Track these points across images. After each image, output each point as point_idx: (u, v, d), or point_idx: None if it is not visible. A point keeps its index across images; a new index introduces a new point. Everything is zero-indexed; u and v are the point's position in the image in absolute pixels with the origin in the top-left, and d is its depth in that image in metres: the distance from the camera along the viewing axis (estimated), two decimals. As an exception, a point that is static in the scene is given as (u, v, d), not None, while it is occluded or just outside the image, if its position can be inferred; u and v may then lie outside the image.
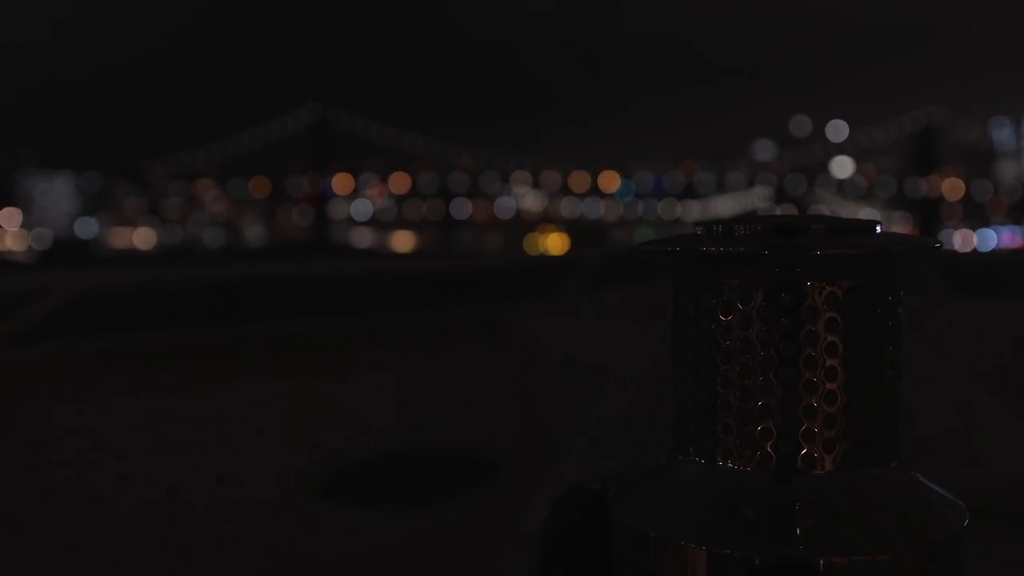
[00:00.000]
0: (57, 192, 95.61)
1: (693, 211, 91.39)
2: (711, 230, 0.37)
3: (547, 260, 4.28)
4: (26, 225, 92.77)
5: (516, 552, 0.45)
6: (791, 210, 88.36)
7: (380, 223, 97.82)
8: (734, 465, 0.35)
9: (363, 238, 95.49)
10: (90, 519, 1.11)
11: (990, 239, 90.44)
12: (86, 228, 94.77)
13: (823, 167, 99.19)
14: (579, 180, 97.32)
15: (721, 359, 0.35)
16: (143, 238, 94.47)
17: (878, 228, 0.36)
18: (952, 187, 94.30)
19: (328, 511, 1.14)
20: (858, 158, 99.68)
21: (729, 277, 0.35)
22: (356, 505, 1.17)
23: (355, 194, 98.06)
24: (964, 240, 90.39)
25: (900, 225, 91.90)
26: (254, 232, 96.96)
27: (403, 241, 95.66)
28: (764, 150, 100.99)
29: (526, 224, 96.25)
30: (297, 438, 1.39)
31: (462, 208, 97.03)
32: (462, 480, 1.21)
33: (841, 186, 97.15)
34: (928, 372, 1.09)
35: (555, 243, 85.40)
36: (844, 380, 0.34)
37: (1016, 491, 0.59)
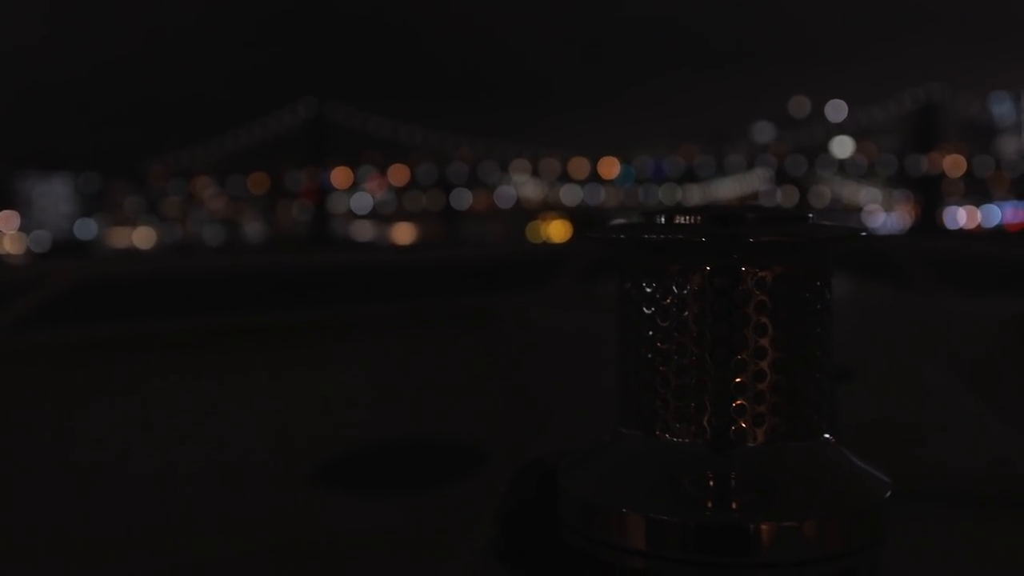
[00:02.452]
0: (55, 194, 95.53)
1: (694, 195, 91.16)
2: (654, 219, 0.39)
3: (541, 249, 4.20)
4: (24, 228, 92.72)
5: (484, 530, 0.43)
6: (792, 191, 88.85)
7: (380, 216, 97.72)
8: (672, 438, 0.37)
9: (364, 231, 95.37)
10: (83, 504, 1.13)
11: (994, 215, 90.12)
12: (85, 229, 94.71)
13: (823, 147, 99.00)
14: (579, 167, 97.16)
15: (660, 339, 0.38)
16: (143, 237, 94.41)
17: (810, 217, 0.39)
18: (953, 164, 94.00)
19: (319, 497, 1.16)
20: (858, 137, 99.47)
21: (669, 263, 0.37)
22: (347, 491, 1.19)
23: (354, 187, 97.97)
24: (969, 216, 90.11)
25: (902, 203, 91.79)
26: (254, 228, 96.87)
27: (404, 233, 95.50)
28: (763, 132, 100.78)
29: (527, 212, 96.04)
30: (289, 426, 1.41)
31: (462, 198, 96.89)
32: (453, 467, 1.22)
33: (842, 166, 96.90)
34: (900, 362, 1.12)
35: (557, 230, 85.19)
36: (773, 359, 0.37)
37: (954, 477, 0.62)
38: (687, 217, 0.38)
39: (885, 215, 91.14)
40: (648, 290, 0.38)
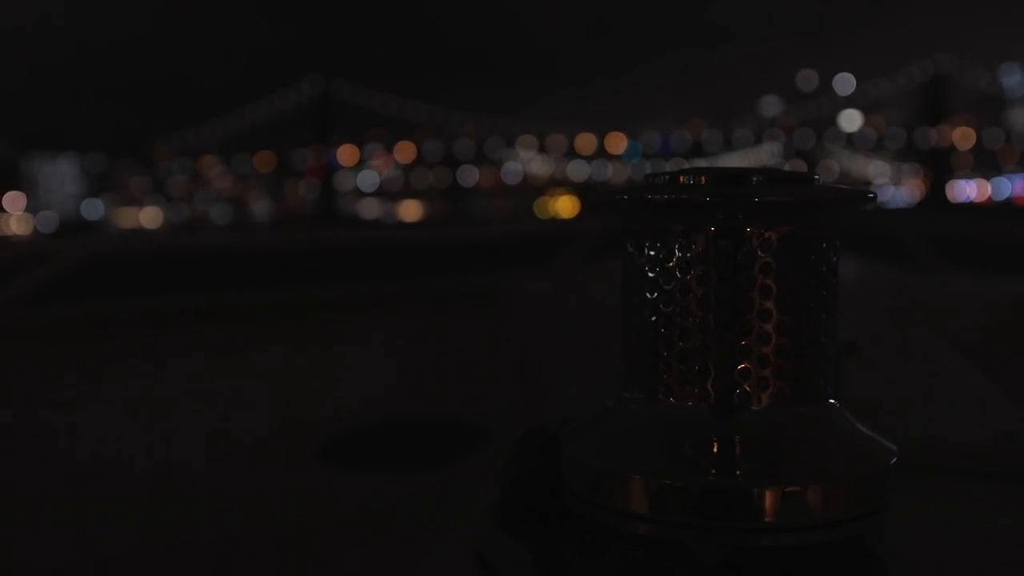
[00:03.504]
0: (61, 174, 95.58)
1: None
2: (658, 179, 0.38)
3: (547, 228, 4.22)
4: (31, 208, 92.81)
5: (486, 500, 0.43)
6: (800, 165, 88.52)
7: (387, 193, 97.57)
8: (675, 402, 0.37)
9: (370, 209, 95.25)
10: (86, 482, 1.13)
11: (1004, 188, 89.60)
12: (92, 209, 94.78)
13: (831, 121, 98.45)
14: (585, 143, 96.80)
15: (663, 302, 0.37)
16: (149, 217, 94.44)
17: (816, 179, 0.38)
18: (963, 136, 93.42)
19: (324, 476, 1.16)
20: (866, 110, 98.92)
21: (673, 223, 0.37)
22: (351, 470, 1.19)
23: (361, 165, 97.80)
24: (979, 190, 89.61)
25: (911, 176, 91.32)
26: (261, 207, 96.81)
27: (411, 210, 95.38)
28: (771, 106, 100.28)
29: (534, 189, 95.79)
30: (294, 404, 1.41)
31: (469, 175, 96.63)
32: (457, 446, 1.22)
33: (850, 139, 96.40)
34: (906, 339, 1.13)
35: (565, 206, 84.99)
36: (778, 322, 0.36)
37: (959, 452, 0.63)
38: (691, 178, 0.38)
39: (894, 188, 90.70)
40: (651, 252, 0.38)
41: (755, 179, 0.37)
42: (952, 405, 0.82)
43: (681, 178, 0.38)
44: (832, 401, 0.38)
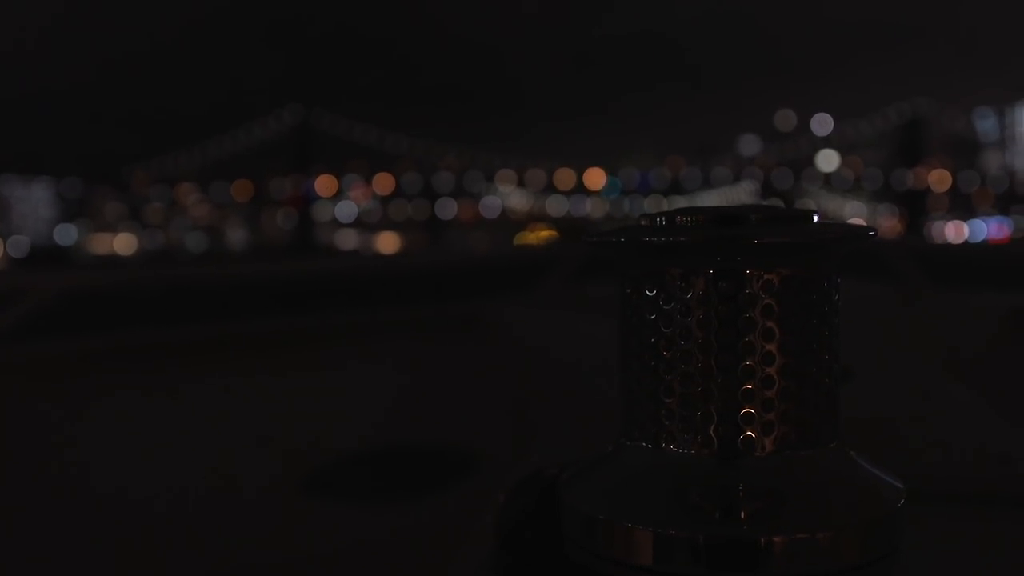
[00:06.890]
0: (35, 199, 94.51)
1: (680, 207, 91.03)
2: (654, 221, 0.38)
3: (529, 254, 4.10)
4: (2, 233, 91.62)
5: (481, 541, 0.41)
6: (778, 205, 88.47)
7: (365, 224, 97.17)
8: (677, 449, 0.36)
9: (348, 240, 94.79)
10: (68, 520, 1.09)
11: (979, 230, 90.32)
12: (65, 235, 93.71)
13: (809, 161, 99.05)
14: (564, 178, 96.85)
15: (663, 346, 0.36)
16: (124, 244, 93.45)
17: (815, 218, 0.37)
18: (939, 179, 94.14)
19: (312, 507, 1.13)
20: (844, 151, 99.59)
21: (671, 266, 0.36)
22: (340, 501, 1.16)
23: (339, 196, 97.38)
24: (956, 232, 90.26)
25: (887, 218, 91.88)
26: (237, 236, 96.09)
27: (388, 242, 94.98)
28: (749, 145, 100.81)
29: (513, 223, 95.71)
30: (280, 435, 1.37)
31: (447, 208, 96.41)
32: (446, 475, 1.19)
33: (828, 180, 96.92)
34: (897, 361, 1.11)
35: (544, 241, 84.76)
36: (781, 365, 0.35)
37: (956, 476, 0.61)
38: (688, 218, 0.37)
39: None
40: (650, 295, 0.36)
41: (754, 218, 0.36)
42: (947, 428, 0.79)
43: (679, 218, 0.37)
44: (838, 443, 0.37)
